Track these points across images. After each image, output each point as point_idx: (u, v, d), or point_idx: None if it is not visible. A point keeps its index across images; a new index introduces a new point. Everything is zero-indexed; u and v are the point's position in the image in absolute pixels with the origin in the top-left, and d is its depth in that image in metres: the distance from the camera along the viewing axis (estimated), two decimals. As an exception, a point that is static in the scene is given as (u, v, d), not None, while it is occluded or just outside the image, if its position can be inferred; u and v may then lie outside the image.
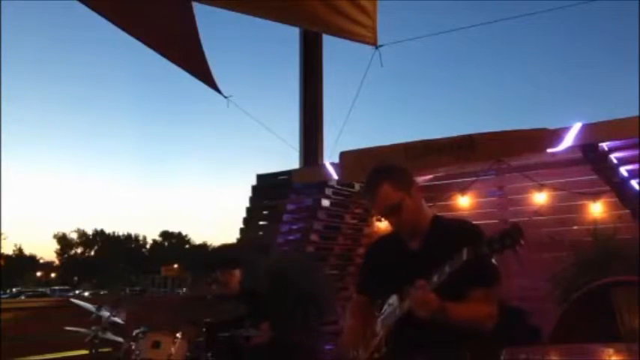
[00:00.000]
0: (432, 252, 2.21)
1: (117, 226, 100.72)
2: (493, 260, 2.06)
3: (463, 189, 6.00)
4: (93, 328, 4.10)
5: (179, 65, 6.50)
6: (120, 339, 4.13)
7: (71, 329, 4.21)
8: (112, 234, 72.18)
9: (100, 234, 71.76)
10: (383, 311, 2.31)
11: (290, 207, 6.43)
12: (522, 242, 1.87)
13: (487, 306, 2.16)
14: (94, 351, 4.09)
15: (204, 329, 3.96)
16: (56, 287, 52.17)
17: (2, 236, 59.17)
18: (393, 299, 2.25)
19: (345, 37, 7.24)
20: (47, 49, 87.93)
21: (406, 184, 2.27)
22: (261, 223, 6.62)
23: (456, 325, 2.09)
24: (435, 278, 2.04)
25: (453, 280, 2.02)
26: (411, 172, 2.37)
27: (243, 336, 3.91)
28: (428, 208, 2.38)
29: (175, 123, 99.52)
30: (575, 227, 5.55)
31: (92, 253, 70.89)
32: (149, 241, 74.74)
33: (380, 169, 2.33)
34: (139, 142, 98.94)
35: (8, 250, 63.42)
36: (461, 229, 2.29)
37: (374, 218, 6.43)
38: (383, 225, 5.66)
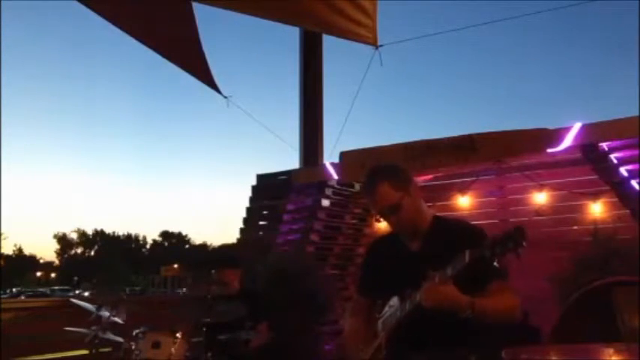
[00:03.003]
0: (432, 253, 2.20)
1: (117, 226, 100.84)
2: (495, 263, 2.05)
3: (463, 189, 6.00)
4: (93, 328, 4.10)
5: (179, 65, 6.50)
6: (120, 339, 4.13)
7: (71, 329, 4.21)
8: (112, 234, 72.27)
9: (100, 234, 71.80)
10: (383, 313, 2.30)
11: (290, 207, 6.42)
12: (524, 244, 1.85)
13: (511, 295, 2.15)
14: (94, 351, 4.08)
15: (203, 329, 3.95)
16: (56, 287, 52.12)
17: (2, 236, 59.22)
18: (394, 301, 2.24)
19: (345, 37, 7.23)
20: (47, 49, 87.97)
21: (405, 184, 2.26)
22: (261, 223, 6.61)
23: (485, 319, 2.07)
24: (437, 279, 2.02)
25: (466, 278, 2.00)
26: (410, 171, 2.36)
27: (242, 339, 3.90)
28: (427, 208, 2.37)
29: (175, 123, 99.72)
30: (575, 227, 5.54)
31: (92, 253, 70.90)
32: (149, 241, 74.88)
33: (379, 169, 2.33)
34: (138, 142, 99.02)
35: (8, 250, 63.50)
36: (462, 230, 2.28)
37: (374, 218, 6.43)
38: (383, 225, 5.67)
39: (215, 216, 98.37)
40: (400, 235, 2.34)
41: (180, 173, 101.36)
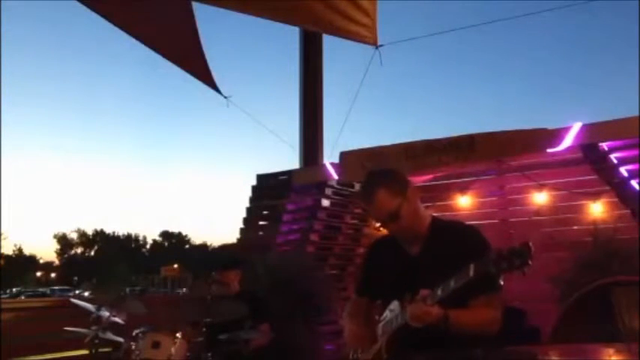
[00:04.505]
0: (431, 257, 2.19)
1: (117, 226, 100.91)
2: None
3: (463, 189, 6.00)
4: (93, 328, 4.09)
5: (179, 65, 6.50)
6: (120, 339, 4.13)
7: (71, 329, 4.20)
8: (112, 234, 72.28)
9: (100, 234, 71.79)
10: (383, 316, 2.28)
11: (290, 207, 6.42)
12: (530, 263, 1.82)
13: (491, 311, 2.13)
14: (94, 351, 4.08)
15: (203, 329, 3.95)
16: (56, 287, 52.07)
17: (2, 236, 59.21)
18: (395, 305, 2.22)
19: (345, 37, 7.23)
20: (46, 48, 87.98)
21: (403, 189, 2.22)
22: (261, 223, 6.62)
23: (461, 332, 2.06)
24: (439, 292, 2.00)
25: (455, 290, 1.99)
26: (406, 174, 2.32)
27: (243, 338, 3.90)
28: (425, 210, 2.34)
29: (175, 123, 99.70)
30: (575, 227, 5.55)
31: (92, 253, 70.91)
32: (149, 241, 74.92)
33: (375, 175, 2.29)
34: (139, 142, 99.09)
35: (8, 250, 63.45)
36: (460, 233, 2.26)
37: (373, 225, 6.43)
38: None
39: (215, 216, 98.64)
40: (399, 239, 2.33)
41: (180, 173, 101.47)
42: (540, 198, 5.59)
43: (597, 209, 5.31)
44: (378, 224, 2.31)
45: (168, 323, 4.18)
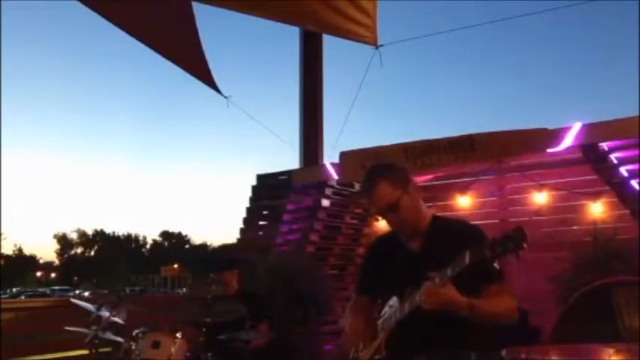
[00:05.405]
0: (431, 253, 2.19)
1: (117, 226, 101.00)
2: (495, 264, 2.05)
3: (463, 189, 6.00)
4: (93, 328, 4.10)
5: (179, 65, 6.50)
6: (120, 339, 4.13)
7: (71, 329, 4.21)
8: (112, 234, 72.35)
9: (100, 234, 71.87)
10: (383, 313, 2.29)
11: (290, 207, 6.43)
12: (525, 246, 1.85)
13: (508, 298, 2.15)
14: (94, 351, 4.09)
15: (203, 329, 3.95)
16: (56, 287, 52.05)
17: (2, 236, 59.24)
18: (393, 301, 2.23)
19: (345, 37, 7.24)
20: (47, 48, 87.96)
21: (404, 182, 2.26)
22: (261, 223, 6.62)
23: (485, 322, 2.08)
24: (437, 280, 2.02)
25: (463, 279, 2.00)
26: (408, 170, 2.36)
27: (242, 338, 3.90)
28: (427, 208, 2.36)
29: (175, 123, 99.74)
30: (575, 227, 5.54)
31: (92, 253, 70.94)
32: (149, 241, 74.99)
33: (377, 168, 2.33)
34: (138, 142, 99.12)
35: (8, 250, 63.51)
36: (461, 230, 2.27)
37: (373, 217, 6.43)
38: (382, 225, 5.68)
39: (215, 216, 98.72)
40: (400, 234, 2.34)
41: (180, 173, 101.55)
42: (540, 198, 5.59)
43: (597, 209, 5.30)
44: (378, 216, 2.32)
45: (168, 323, 4.18)
